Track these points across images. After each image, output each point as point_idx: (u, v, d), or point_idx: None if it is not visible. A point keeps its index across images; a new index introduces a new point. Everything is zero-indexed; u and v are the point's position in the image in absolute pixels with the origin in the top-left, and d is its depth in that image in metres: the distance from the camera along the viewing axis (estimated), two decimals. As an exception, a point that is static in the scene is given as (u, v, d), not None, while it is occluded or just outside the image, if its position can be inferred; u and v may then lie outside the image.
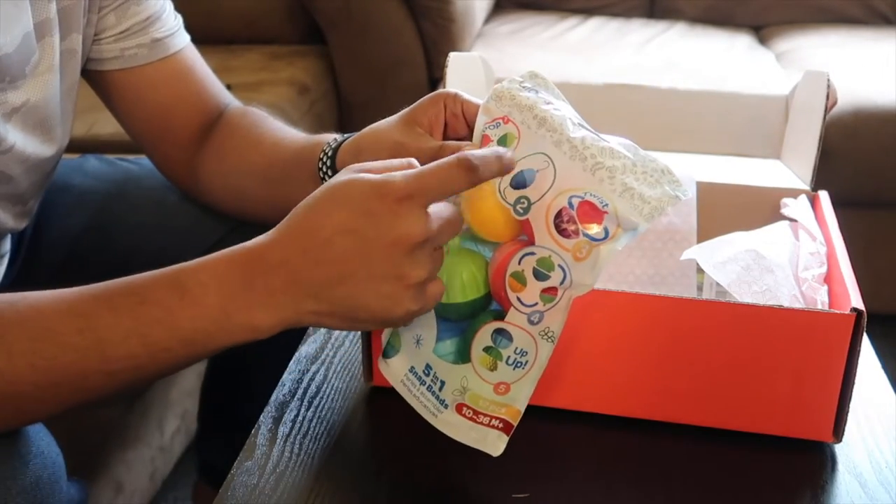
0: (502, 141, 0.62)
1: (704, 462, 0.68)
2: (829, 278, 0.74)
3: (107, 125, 1.67)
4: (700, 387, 0.68)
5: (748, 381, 0.67)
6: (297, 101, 1.84)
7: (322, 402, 0.73)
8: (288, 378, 0.76)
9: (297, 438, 0.69)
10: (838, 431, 0.67)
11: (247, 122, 0.89)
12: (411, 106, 0.72)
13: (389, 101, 2.01)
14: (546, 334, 0.59)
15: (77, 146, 1.07)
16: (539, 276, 0.57)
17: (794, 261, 0.76)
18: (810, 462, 0.68)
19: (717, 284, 0.75)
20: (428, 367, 0.63)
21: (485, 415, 0.61)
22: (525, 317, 0.59)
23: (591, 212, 0.56)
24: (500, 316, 0.60)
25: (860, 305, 0.64)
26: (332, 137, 0.78)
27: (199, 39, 0.89)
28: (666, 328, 0.67)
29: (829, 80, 0.85)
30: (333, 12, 2.00)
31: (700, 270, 0.78)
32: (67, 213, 0.93)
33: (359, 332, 0.77)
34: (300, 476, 0.66)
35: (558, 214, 0.56)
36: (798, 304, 0.72)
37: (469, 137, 0.67)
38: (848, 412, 0.67)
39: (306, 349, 0.79)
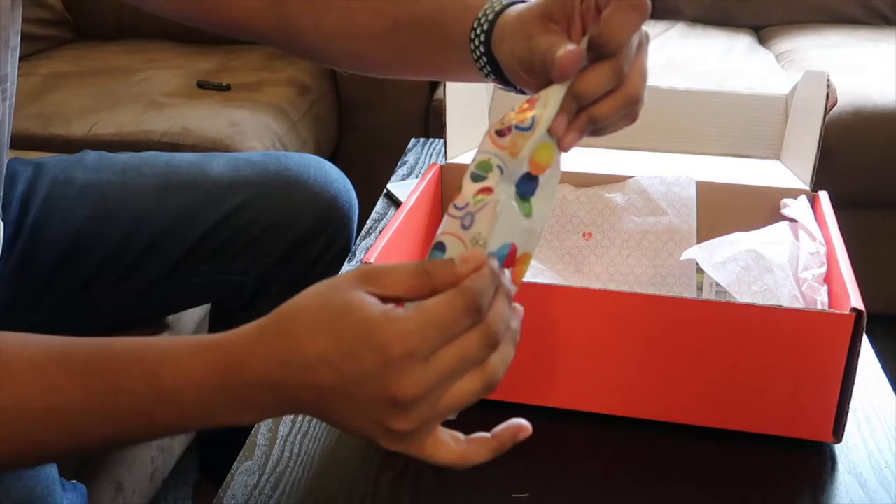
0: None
1: (704, 462, 0.68)
2: (829, 278, 0.74)
3: (107, 125, 1.67)
4: (700, 387, 0.68)
5: (748, 381, 0.67)
6: (297, 101, 1.84)
7: (322, 402, 0.73)
8: (288, 378, 0.76)
9: (297, 438, 0.69)
10: (838, 431, 0.67)
11: None
12: None
13: (389, 101, 2.02)
14: (477, 241, 0.54)
15: (78, 147, 1.07)
16: (476, 178, 0.56)
17: (794, 261, 0.76)
18: (810, 462, 0.68)
19: (717, 284, 0.75)
20: None
21: None
22: (458, 221, 0.55)
23: (527, 105, 0.56)
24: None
25: (860, 305, 0.64)
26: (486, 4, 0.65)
27: (199, 39, 0.88)
28: (666, 328, 0.67)
29: (829, 80, 0.85)
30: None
31: (700, 270, 0.78)
32: (70, 205, 0.93)
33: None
34: (300, 476, 0.66)
35: (500, 121, 0.56)
36: (798, 304, 0.72)
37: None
38: (848, 412, 0.67)
39: (306, 349, 0.79)
